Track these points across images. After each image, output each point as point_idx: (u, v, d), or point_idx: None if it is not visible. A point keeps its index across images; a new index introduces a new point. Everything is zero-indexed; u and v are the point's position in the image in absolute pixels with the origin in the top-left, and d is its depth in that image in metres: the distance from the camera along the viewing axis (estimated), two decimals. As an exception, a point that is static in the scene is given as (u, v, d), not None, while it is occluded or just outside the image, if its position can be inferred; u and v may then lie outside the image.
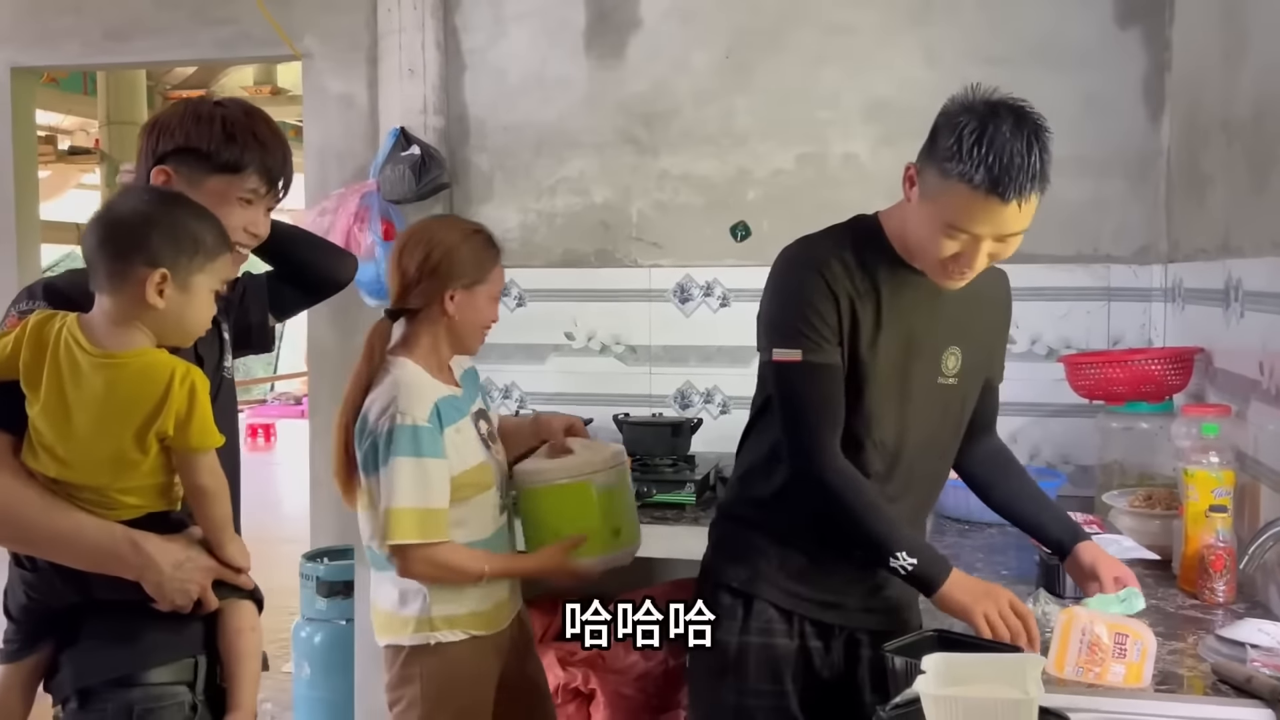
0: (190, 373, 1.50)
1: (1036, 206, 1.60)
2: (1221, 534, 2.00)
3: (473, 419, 2.16)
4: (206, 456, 1.53)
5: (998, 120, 1.56)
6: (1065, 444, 3.07)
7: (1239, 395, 2.27)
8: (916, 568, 1.65)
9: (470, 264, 2.12)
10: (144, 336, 1.51)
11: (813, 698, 1.84)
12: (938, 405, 1.81)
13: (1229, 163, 2.42)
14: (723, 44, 3.33)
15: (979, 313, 1.85)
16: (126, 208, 1.51)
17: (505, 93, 3.49)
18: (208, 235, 1.53)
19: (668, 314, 3.39)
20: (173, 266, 1.48)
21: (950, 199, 1.58)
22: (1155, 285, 3.05)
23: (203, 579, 1.56)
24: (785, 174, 3.29)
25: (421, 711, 2.10)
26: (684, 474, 2.97)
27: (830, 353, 1.71)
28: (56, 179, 8.27)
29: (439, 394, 2.08)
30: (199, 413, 1.49)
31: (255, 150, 1.65)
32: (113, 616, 1.55)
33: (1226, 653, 1.67)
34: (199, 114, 1.65)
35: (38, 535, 1.52)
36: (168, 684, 1.56)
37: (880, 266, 1.73)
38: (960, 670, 1.41)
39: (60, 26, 3.87)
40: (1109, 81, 3.06)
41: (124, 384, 1.48)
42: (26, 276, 4.14)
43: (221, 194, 1.64)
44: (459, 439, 2.08)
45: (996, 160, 1.53)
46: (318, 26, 3.62)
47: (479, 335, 2.18)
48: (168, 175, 1.63)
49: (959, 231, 1.59)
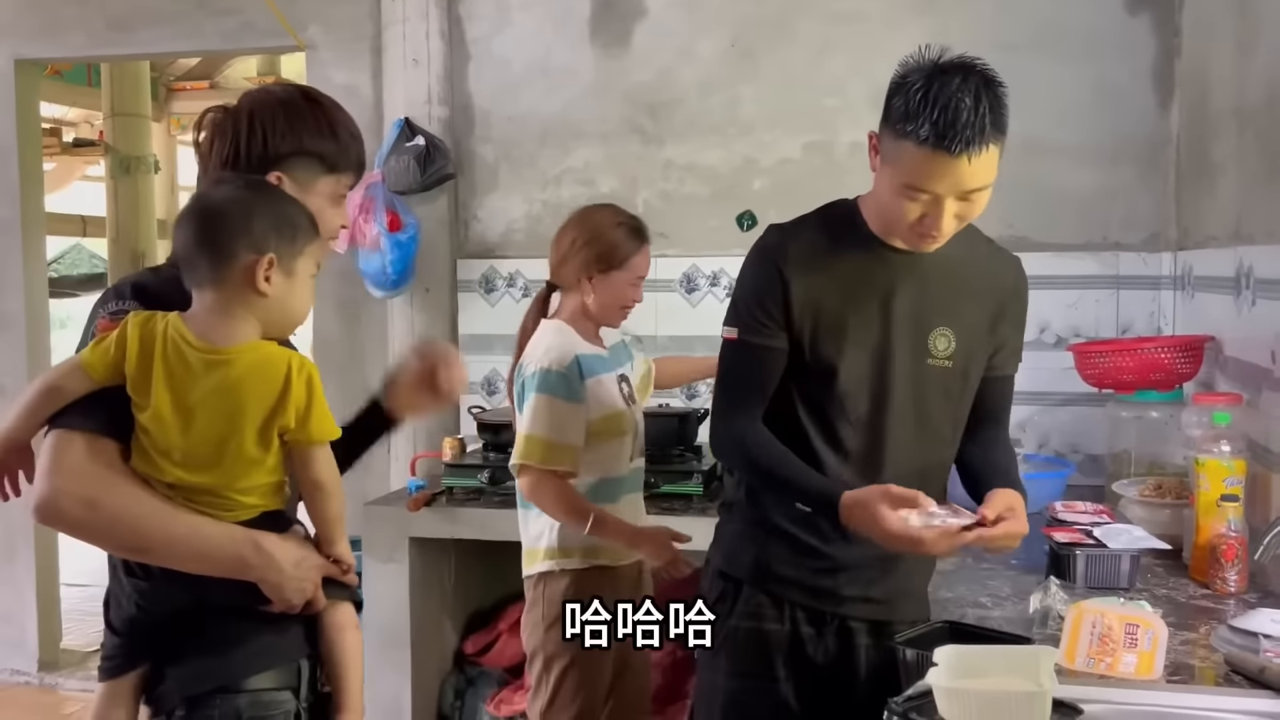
0: (305, 364, 1.46)
1: (996, 161, 1.59)
2: (1233, 524, 1.99)
3: (616, 378, 2.42)
4: (324, 450, 1.49)
5: (944, 77, 1.57)
6: (1074, 433, 3.06)
7: (1250, 384, 2.25)
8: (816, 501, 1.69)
9: (608, 252, 2.38)
10: (251, 329, 1.46)
11: (806, 684, 1.84)
12: (929, 387, 1.75)
13: (1240, 150, 2.40)
14: (728, 32, 3.31)
15: (975, 296, 1.79)
16: (223, 196, 1.47)
17: (510, 82, 3.48)
18: (303, 219, 1.50)
19: (674, 304, 3.38)
20: (278, 251, 1.45)
21: (904, 159, 1.59)
22: (1165, 273, 3.04)
23: (317, 577, 1.52)
24: (792, 163, 3.28)
25: (540, 636, 2.36)
26: (691, 464, 2.96)
27: (767, 336, 1.75)
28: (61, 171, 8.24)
29: (581, 349, 2.35)
30: (318, 404, 1.46)
31: (356, 147, 1.62)
32: (217, 623, 1.50)
33: (1239, 643, 1.66)
34: (299, 111, 1.58)
35: (155, 542, 1.46)
36: (273, 689, 1.51)
37: (853, 247, 1.74)
38: (972, 662, 1.39)
39: (64, 18, 3.86)
40: (1118, 68, 3.04)
41: (241, 380, 1.43)
42: (32, 268, 4.15)
43: (330, 195, 1.60)
44: (599, 389, 2.35)
45: (941, 115, 1.53)
46: (322, 17, 3.61)
47: (617, 313, 2.44)
48: (279, 179, 1.56)
49: (917, 191, 1.60)
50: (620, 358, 2.51)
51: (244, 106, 1.60)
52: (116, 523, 1.45)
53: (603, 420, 2.37)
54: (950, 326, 1.77)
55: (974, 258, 1.80)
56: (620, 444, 2.41)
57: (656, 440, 3.04)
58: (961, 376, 1.80)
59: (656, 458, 2.98)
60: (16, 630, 4.20)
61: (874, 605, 1.82)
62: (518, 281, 3.45)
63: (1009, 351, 1.86)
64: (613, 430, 2.39)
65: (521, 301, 3.45)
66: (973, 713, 1.30)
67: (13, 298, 4.08)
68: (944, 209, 1.60)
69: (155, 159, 7.24)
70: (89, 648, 4.43)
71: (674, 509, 2.83)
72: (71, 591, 4.57)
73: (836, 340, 1.74)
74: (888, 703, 1.36)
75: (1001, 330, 1.83)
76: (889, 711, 1.35)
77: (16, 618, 4.20)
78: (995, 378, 1.85)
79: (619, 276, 2.40)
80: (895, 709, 1.35)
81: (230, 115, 1.60)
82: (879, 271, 1.74)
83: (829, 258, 1.74)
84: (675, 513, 2.81)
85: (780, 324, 1.74)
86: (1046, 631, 1.74)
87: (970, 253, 1.80)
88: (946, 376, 1.78)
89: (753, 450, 1.77)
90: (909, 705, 1.36)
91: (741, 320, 1.78)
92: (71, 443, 1.43)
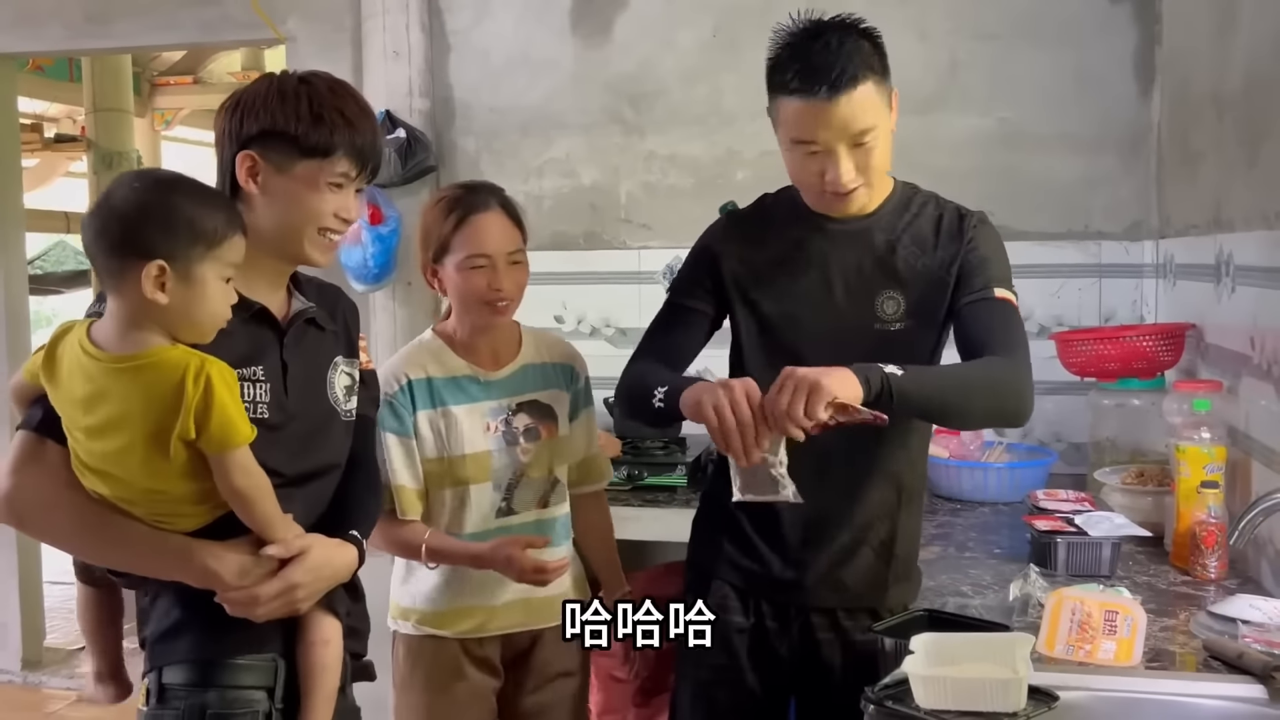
0: (206, 366, 1.37)
1: (875, 103, 1.63)
2: (1213, 510, 1.99)
3: (486, 409, 2.04)
4: (237, 455, 1.40)
5: (808, 31, 1.65)
6: (1057, 421, 3.05)
7: (1230, 370, 2.25)
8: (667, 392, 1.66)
9: (426, 237, 2.02)
10: (157, 336, 1.40)
11: (771, 675, 1.86)
12: (883, 351, 1.66)
13: (1220, 137, 2.40)
14: (710, 22, 3.29)
15: (918, 256, 1.77)
16: (118, 197, 1.40)
17: (490, 74, 3.46)
18: (208, 220, 1.40)
19: (657, 296, 3.30)
20: (170, 257, 1.36)
21: (785, 115, 1.66)
22: (1147, 261, 3.03)
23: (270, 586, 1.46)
24: (774, 154, 3.18)
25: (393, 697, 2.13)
26: (675, 457, 2.95)
27: (689, 298, 1.86)
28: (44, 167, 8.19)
29: (435, 371, 2.02)
30: (218, 409, 1.37)
31: (344, 131, 1.53)
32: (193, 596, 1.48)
33: (1218, 629, 1.66)
34: (283, 92, 1.53)
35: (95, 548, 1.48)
36: (245, 687, 1.49)
37: (792, 223, 1.80)
38: (949, 650, 1.40)
39: (40, 11, 3.82)
40: (1099, 56, 3.03)
41: (130, 388, 1.37)
42: (10, 264, 4.12)
43: (311, 179, 1.53)
44: (442, 422, 2.01)
45: (803, 63, 1.61)
46: (301, 9, 3.58)
47: (477, 310, 2.00)
48: (254, 161, 1.52)
49: (806, 144, 1.64)
50: (521, 383, 2.08)
51: (242, 89, 1.59)
52: (61, 527, 1.47)
53: (437, 463, 2.01)
54: (898, 289, 1.77)
55: (926, 218, 1.81)
56: (476, 493, 2.03)
57: (640, 432, 3.03)
58: (918, 336, 1.78)
59: (640, 450, 2.97)
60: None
61: (841, 595, 1.82)
62: (500, 274, 3.43)
63: (975, 278, 1.77)
64: (456, 476, 2.01)
65: (504, 294, 3.43)
66: (948, 700, 1.30)
67: (-8, 294, 4.06)
68: (839, 158, 1.64)
69: (138, 154, 7.20)
70: (73, 645, 4.41)
71: (658, 501, 2.82)
72: (55, 589, 4.54)
73: (780, 306, 1.79)
74: (864, 691, 1.36)
75: (956, 271, 1.77)
76: (865, 699, 1.35)
77: (-1, 616, 4.18)
78: (965, 305, 1.76)
79: (449, 262, 1.98)
80: (871, 697, 1.35)
81: (231, 98, 1.59)
82: (816, 242, 1.78)
83: (765, 232, 1.81)
84: (660, 505, 2.80)
85: (706, 290, 1.84)
86: (1027, 619, 1.74)
87: (923, 212, 1.81)
88: (900, 338, 1.77)
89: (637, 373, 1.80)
90: (885, 693, 1.35)
91: (672, 288, 1.91)
92: (30, 444, 1.45)
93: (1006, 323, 1.74)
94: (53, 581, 4.50)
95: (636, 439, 3.01)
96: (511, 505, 2.07)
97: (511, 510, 2.07)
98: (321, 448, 1.61)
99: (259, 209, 1.54)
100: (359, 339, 1.76)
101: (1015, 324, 1.76)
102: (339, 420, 1.65)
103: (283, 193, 1.54)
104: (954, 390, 1.66)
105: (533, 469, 2.07)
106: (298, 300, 1.63)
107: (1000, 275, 1.78)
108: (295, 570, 1.48)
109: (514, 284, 2.00)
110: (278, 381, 1.54)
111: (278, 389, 1.53)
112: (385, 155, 3.27)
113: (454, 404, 2.02)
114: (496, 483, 2.05)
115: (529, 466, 2.07)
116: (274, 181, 1.53)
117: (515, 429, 2.06)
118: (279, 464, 1.50)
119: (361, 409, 1.71)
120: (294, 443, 1.55)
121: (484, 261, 1.96)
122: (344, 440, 1.66)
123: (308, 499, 1.58)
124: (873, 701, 1.35)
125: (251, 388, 1.50)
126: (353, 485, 1.67)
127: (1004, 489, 2.64)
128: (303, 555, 1.49)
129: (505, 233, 2.00)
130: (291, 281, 1.65)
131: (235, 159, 1.53)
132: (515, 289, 2.00)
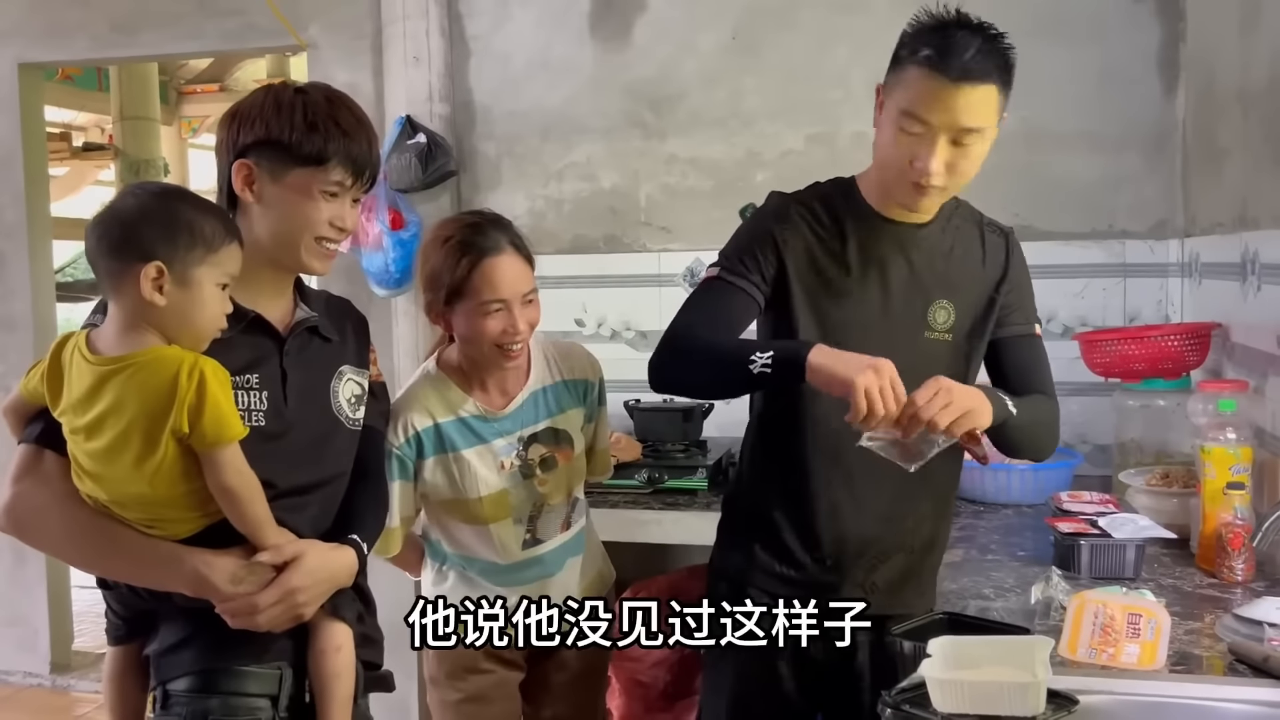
0: (199, 363, 1.40)
1: (994, 107, 1.63)
2: (1240, 511, 1.96)
3: (497, 448, 1.98)
4: (228, 452, 1.42)
5: (957, 20, 1.64)
6: (1082, 423, 3.02)
7: (1257, 370, 2.23)
8: (776, 354, 1.60)
9: (443, 278, 1.91)
10: (153, 339, 1.43)
11: (810, 682, 1.84)
12: (928, 360, 1.71)
13: (1245, 134, 2.37)
14: (729, 24, 3.29)
15: (974, 268, 1.80)
16: (121, 204, 1.44)
17: (510, 78, 3.47)
18: (206, 226, 1.43)
19: (678, 299, 3.29)
20: (168, 259, 1.40)
21: (904, 85, 1.64)
22: (1172, 260, 3.00)
23: (266, 595, 1.45)
24: (795, 155, 3.26)
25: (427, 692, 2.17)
26: (696, 459, 2.94)
27: (744, 279, 1.75)
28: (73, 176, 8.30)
29: (443, 415, 1.96)
30: (211, 405, 1.39)
31: (339, 140, 1.54)
32: (195, 614, 1.48)
33: (1244, 632, 1.64)
34: (279, 102, 1.55)
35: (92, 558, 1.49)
36: (248, 695, 1.49)
37: (850, 217, 1.77)
38: (967, 653, 1.38)
39: (67, 21, 3.88)
40: (1122, 54, 3.01)
41: (131, 386, 1.40)
42: (39, 273, 4.16)
43: (304, 188, 1.54)
44: (455, 466, 1.96)
45: (944, 41, 1.60)
46: (322, 16, 3.61)
47: (490, 353, 1.93)
48: (249, 169, 1.54)
49: (913, 120, 1.62)
50: (533, 414, 2.02)
51: (241, 100, 1.61)
52: (56, 538, 1.49)
53: (456, 505, 1.98)
54: (950, 299, 1.78)
55: (969, 231, 1.82)
56: (498, 530, 1.99)
57: (660, 435, 3.03)
58: (963, 350, 1.80)
59: (661, 453, 2.97)
60: (28, 632, 4.22)
61: (876, 598, 1.80)
62: (521, 278, 3.44)
63: (1018, 312, 1.84)
64: (474, 516, 1.98)
65: (525, 298, 3.44)
66: (966, 703, 1.29)
67: (20, 301, 4.10)
68: (936, 146, 1.62)
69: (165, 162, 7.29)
70: (100, 649, 4.43)
71: (679, 504, 2.81)
72: (83, 594, 4.58)
73: (839, 305, 1.75)
74: (880, 694, 1.35)
75: (1005, 295, 1.82)
76: (882, 703, 1.34)
77: (28, 620, 4.22)
78: (1010, 338, 1.83)
79: (462, 309, 1.91)
80: (888, 700, 1.33)
81: (230, 108, 1.61)
82: (875, 242, 1.76)
83: (831, 223, 1.77)
84: (680, 508, 2.79)
85: (763, 277, 1.76)
86: (1049, 622, 1.72)
87: (965, 225, 1.82)
88: (946, 351, 1.78)
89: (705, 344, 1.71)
90: (902, 697, 1.34)
91: (723, 263, 1.79)
92: (28, 456, 1.48)
93: (1045, 362, 1.86)
94: (81, 586, 4.54)
95: (657, 442, 3.01)
96: (537, 535, 2.04)
97: (538, 540, 2.05)
98: (325, 457, 1.61)
99: (255, 218, 1.56)
100: (370, 351, 1.77)
101: (1046, 361, 1.87)
102: (344, 430, 1.65)
103: (277, 201, 1.55)
104: (1039, 427, 1.81)
105: (552, 497, 2.04)
106: (301, 310, 1.64)
107: (1034, 307, 1.88)
108: (293, 575, 1.48)
109: (529, 324, 1.95)
110: (276, 390, 1.54)
111: (276, 397, 1.54)
112: (406, 161, 3.29)
113: (464, 448, 1.97)
114: (518, 517, 2.02)
115: (548, 496, 2.03)
116: (269, 190, 1.54)
117: (531, 461, 2.01)
118: (278, 474, 1.50)
119: (370, 420, 1.72)
120: (295, 452, 1.55)
121: (500, 306, 1.90)
122: (350, 450, 1.66)
123: (313, 508, 1.58)
124: (890, 705, 1.34)
125: (247, 396, 1.51)
126: (359, 495, 1.67)
127: (1027, 491, 2.61)
128: (298, 560, 1.49)
129: (520, 275, 1.93)
130: (299, 293, 1.66)
131: (232, 168, 1.56)
132: (530, 329, 1.96)
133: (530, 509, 2.02)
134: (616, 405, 3.18)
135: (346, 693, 1.55)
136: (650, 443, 3.00)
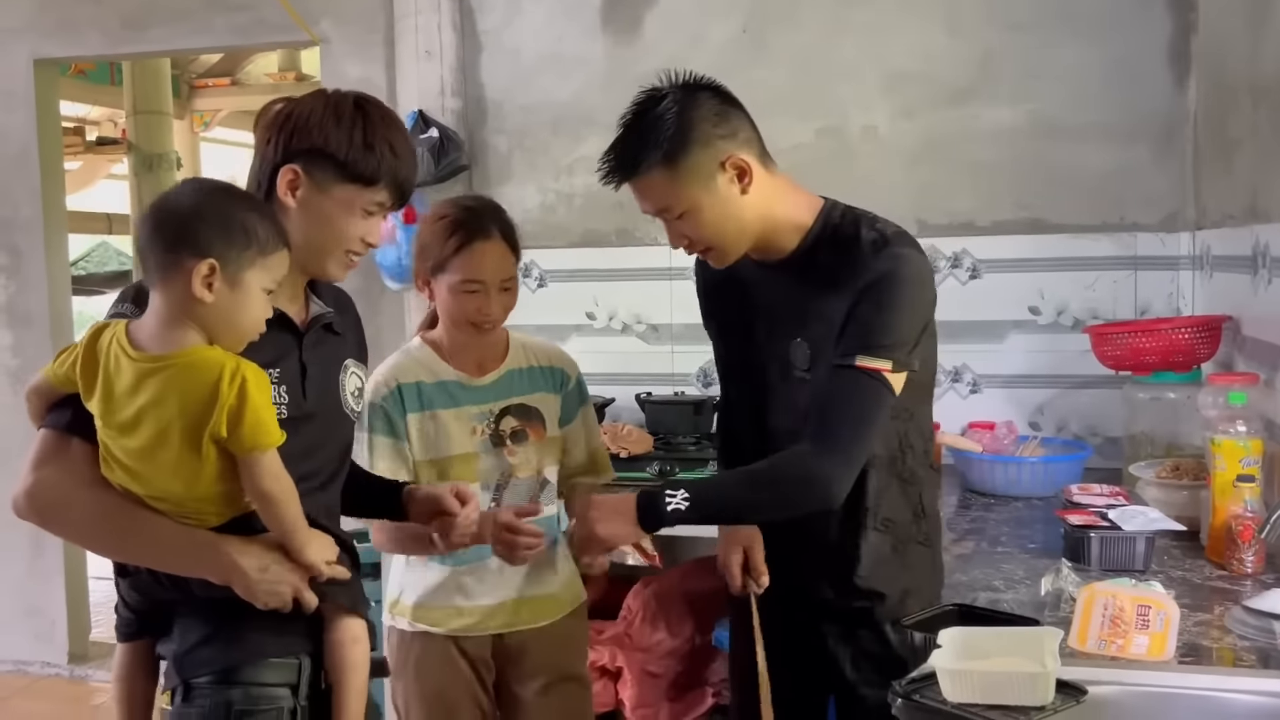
0: (241, 368, 1.40)
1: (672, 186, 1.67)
2: (1249, 504, 1.96)
3: (471, 414, 2.06)
4: (266, 458, 1.43)
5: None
6: (1092, 415, 3.03)
7: (1267, 363, 2.23)
8: None
9: (432, 251, 2.02)
10: (195, 336, 1.42)
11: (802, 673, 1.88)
12: (800, 400, 1.69)
13: (1256, 126, 2.37)
14: (739, 17, 3.30)
15: (830, 299, 1.65)
16: (178, 199, 1.45)
17: (522, 72, 3.48)
18: (260, 229, 1.44)
19: (689, 292, 3.31)
20: (222, 258, 1.40)
21: None
22: (1183, 253, 3.00)
23: (290, 583, 1.49)
24: (804, 147, 3.26)
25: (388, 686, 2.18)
26: (706, 452, 2.96)
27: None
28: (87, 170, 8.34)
29: (423, 376, 2.06)
30: (251, 410, 1.39)
31: (390, 163, 1.55)
32: (213, 612, 1.50)
33: (1254, 624, 1.65)
34: (339, 114, 1.54)
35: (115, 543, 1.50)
36: (269, 685, 1.51)
37: (743, 261, 1.76)
38: (977, 644, 1.39)
39: (79, 17, 3.90)
40: (1133, 45, 3.00)
41: (168, 386, 1.39)
42: (55, 267, 4.19)
43: (348, 203, 1.55)
44: (430, 425, 2.05)
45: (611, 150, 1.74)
46: (334, 11, 3.63)
47: (464, 328, 2.04)
48: (295, 174, 1.53)
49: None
50: (507, 388, 2.10)
51: (296, 102, 1.60)
52: (80, 523, 1.50)
53: (430, 464, 2.06)
54: (805, 337, 1.71)
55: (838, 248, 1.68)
56: None
57: (671, 428, 3.05)
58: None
59: (672, 445, 2.99)
60: (46, 623, 4.26)
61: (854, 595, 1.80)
62: (533, 272, 3.46)
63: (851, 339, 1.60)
64: (446, 476, 2.04)
65: (537, 292, 3.46)
66: (976, 693, 1.30)
67: (36, 295, 4.13)
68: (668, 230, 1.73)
69: (177, 155, 7.30)
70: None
71: (689, 496, 2.82)
72: (100, 584, 4.61)
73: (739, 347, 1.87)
74: (891, 684, 1.36)
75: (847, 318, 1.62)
76: (892, 693, 1.35)
77: (46, 610, 4.26)
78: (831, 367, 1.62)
79: (444, 281, 2.01)
80: (899, 690, 1.35)
81: (283, 109, 1.60)
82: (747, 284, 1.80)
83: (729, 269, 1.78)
84: (691, 500, 2.80)
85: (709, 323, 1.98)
86: (1059, 614, 1.73)
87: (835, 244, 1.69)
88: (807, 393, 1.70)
89: None
90: (912, 687, 1.36)
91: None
92: (52, 442, 1.48)
93: (849, 398, 1.59)
94: (98, 577, 4.58)
95: (669, 434, 3.02)
96: (501, 505, 2.08)
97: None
98: (336, 448, 1.67)
99: (292, 222, 1.55)
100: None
101: (859, 400, 1.58)
102: (348, 421, 1.70)
103: (318, 211, 1.55)
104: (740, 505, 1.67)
105: (520, 470, 2.10)
106: (315, 305, 1.66)
107: (878, 340, 1.59)
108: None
109: (502, 309, 2.04)
110: (296, 383, 1.57)
111: (295, 390, 1.56)
112: (419, 155, 3.31)
113: (441, 408, 2.06)
114: (485, 483, 2.08)
115: (516, 468, 2.10)
116: (313, 199, 1.55)
117: (501, 432, 2.09)
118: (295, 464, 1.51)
119: None
120: (311, 444, 1.58)
121: (477, 287, 2.00)
122: (351, 439, 1.74)
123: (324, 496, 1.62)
124: (900, 695, 1.35)
125: (273, 390, 1.52)
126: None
127: (1038, 483, 2.62)
128: None
129: (501, 261, 2.03)
130: (309, 287, 1.68)
131: (276, 170, 1.55)
132: (502, 313, 2.05)
133: (498, 478, 2.09)
134: (628, 398, 3.20)
135: (362, 682, 1.58)
136: (661, 435, 3.02)
